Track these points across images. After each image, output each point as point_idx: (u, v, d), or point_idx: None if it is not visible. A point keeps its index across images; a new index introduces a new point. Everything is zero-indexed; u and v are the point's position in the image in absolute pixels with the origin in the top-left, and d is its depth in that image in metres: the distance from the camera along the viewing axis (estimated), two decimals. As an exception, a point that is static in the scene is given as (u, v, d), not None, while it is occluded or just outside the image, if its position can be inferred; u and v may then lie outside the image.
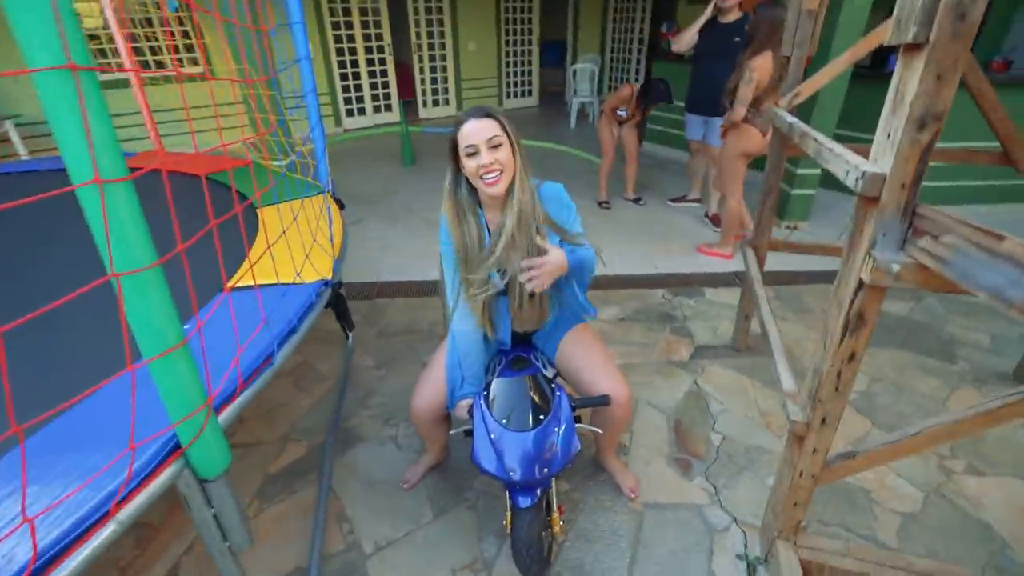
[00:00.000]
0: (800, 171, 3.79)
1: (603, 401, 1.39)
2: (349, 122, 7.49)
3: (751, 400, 2.16)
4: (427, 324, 2.75)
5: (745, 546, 1.54)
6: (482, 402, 1.33)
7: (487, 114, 1.26)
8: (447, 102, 8.39)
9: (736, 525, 1.61)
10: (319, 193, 2.00)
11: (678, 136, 5.86)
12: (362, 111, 7.59)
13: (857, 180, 0.95)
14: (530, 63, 9.13)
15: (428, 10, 7.54)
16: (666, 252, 3.57)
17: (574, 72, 7.65)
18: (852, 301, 1.04)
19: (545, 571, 1.40)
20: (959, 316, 2.76)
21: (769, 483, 1.76)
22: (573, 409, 1.35)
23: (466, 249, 1.36)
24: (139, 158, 2.90)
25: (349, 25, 6.99)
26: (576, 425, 1.35)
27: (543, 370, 1.55)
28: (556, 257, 1.26)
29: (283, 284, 1.26)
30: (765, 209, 2.17)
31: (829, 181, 4.27)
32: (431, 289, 3.09)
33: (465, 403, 1.41)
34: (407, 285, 3.15)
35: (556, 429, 1.28)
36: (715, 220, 3.94)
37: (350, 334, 1.40)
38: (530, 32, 8.72)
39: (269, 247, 1.26)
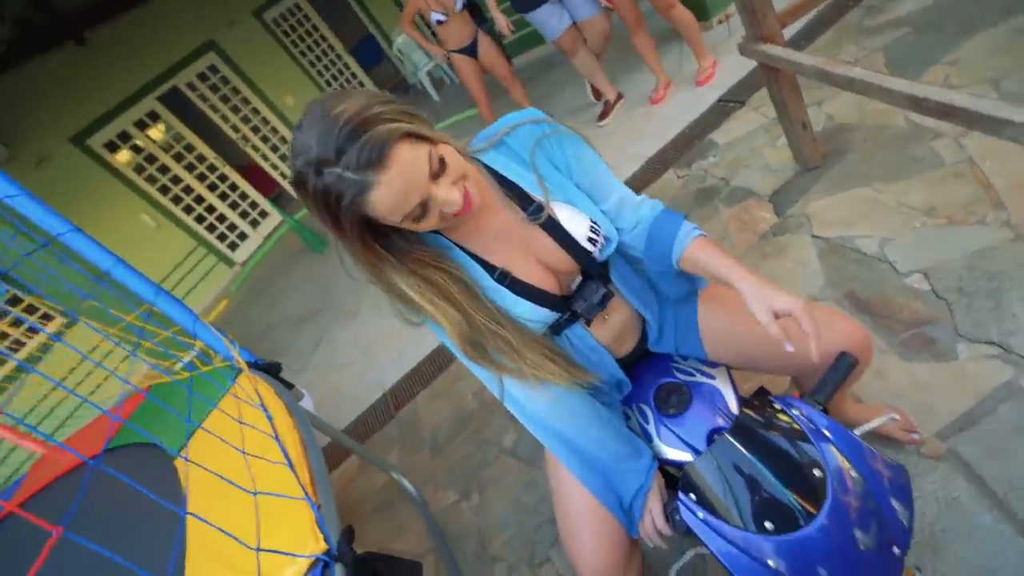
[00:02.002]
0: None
1: (849, 364, 0.77)
2: (240, 255, 6.64)
3: (898, 207, 1.56)
4: (471, 397, 2.10)
5: None
6: (695, 513, 0.72)
7: (381, 140, 0.59)
8: (311, 168, 7.53)
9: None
10: (235, 378, 1.31)
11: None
12: (243, 236, 6.73)
13: None
14: (353, 76, 8.28)
15: (224, 98, 6.61)
16: (632, 138, 2.93)
17: (399, 52, 6.85)
18: None
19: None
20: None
21: (1047, 284, 1.17)
22: (825, 410, 0.75)
23: (471, 324, 0.74)
24: (32, 476, 2.16)
25: (165, 170, 6.10)
26: (857, 431, 0.75)
27: (710, 381, 0.93)
28: None
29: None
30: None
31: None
32: (442, 357, 2.42)
33: (655, 511, 0.83)
34: (417, 372, 2.48)
35: (849, 477, 0.67)
36: (597, 95, 3.29)
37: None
38: (331, 49, 7.84)
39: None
